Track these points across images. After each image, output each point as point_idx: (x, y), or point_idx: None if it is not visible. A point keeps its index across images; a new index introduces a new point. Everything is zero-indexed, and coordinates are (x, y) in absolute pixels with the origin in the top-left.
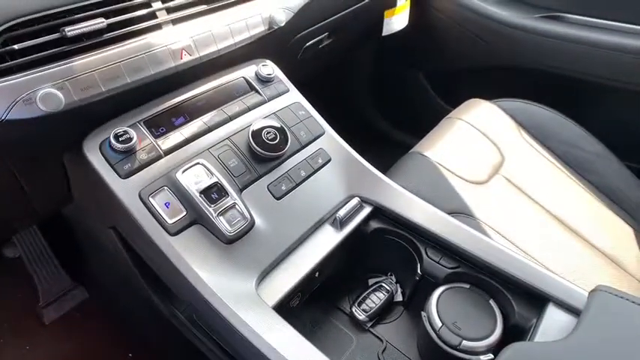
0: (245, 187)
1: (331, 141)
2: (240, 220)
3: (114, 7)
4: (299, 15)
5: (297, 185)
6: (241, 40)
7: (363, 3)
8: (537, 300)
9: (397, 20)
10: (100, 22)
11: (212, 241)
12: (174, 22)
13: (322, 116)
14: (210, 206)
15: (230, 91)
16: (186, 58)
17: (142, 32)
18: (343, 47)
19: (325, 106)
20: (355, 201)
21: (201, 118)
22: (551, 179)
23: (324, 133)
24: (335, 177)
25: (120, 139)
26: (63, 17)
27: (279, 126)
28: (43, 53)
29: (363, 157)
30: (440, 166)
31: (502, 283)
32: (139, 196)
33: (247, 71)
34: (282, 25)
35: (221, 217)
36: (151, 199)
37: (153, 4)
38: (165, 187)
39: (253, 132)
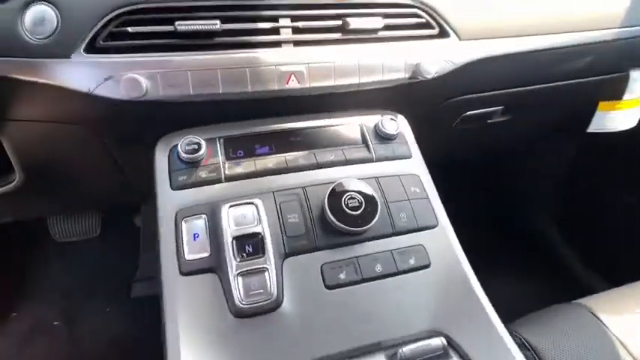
0: (292, 254)
1: (442, 241)
2: (262, 294)
3: (237, 13)
4: (463, 73)
5: (364, 281)
6: (369, 82)
7: (567, 82)
8: None
9: (618, 117)
10: (214, 24)
11: (219, 305)
12: (297, 43)
13: (451, 206)
14: (234, 259)
15: (335, 135)
16: (292, 84)
17: (255, 45)
18: (523, 132)
19: (472, 197)
20: (438, 342)
21: (286, 154)
22: None
23: (435, 226)
24: (425, 294)
25: (188, 147)
26: (181, 12)
27: (370, 194)
28: (148, 41)
29: (507, 275)
30: (618, 343)
31: None
32: (175, 214)
33: (367, 120)
34: (429, 77)
35: (240, 279)
36: (183, 222)
37: (280, 20)
38: (204, 216)
39: (333, 191)
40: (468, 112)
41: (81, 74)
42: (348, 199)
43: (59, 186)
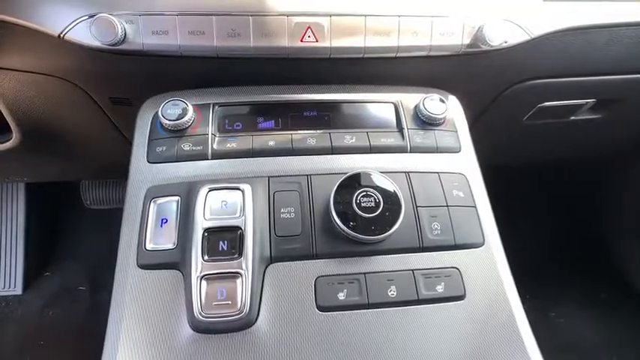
0: (280, 259)
1: (486, 266)
2: (230, 307)
3: None
4: (542, 46)
5: (369, 307)
6: (412, 47)
7: None
8: None
9: None
10: None
11: (176, 313)
12: None
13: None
14: (201, 257)
15: (361, 114)
16: (309, 41)
17: None
18: (618, 139)
19: (540, 212)
20: None
21: (294, 132)
22: None
23: (480, 245)
24: (452, 335)
25: (170, 112)
26: None
27: (392, 192)
28: None
29: (584, 317)
30: None
31: None
32: (146, 192)
33: (405, 98)
34: (495, 47)
35: (204, 284)
36: (152, 203)
37: None
38: (177, 199)
39: (343, 184)
40: (546, 103)
41: (52, 12)
42: (362, 196)
43: (60, 147)
